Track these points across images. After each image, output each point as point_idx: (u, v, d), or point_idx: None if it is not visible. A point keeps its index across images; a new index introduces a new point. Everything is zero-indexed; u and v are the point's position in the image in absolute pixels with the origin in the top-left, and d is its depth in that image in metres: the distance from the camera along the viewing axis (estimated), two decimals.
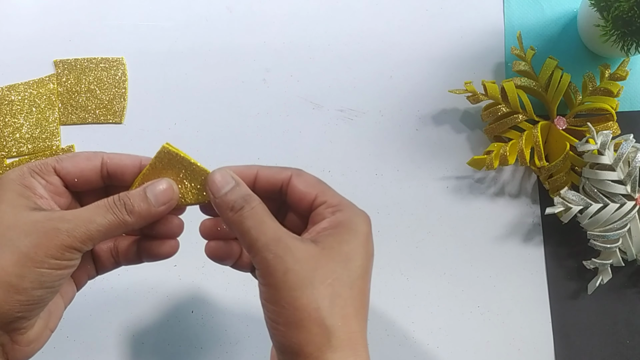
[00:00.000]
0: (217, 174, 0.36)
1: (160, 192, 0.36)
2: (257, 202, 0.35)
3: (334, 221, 0.34)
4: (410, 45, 0.62)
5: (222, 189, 0.35)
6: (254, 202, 0.34)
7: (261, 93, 0.61)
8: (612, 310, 0.56)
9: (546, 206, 0.55)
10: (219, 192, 0.35)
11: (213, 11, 0.62)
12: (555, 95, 0.57)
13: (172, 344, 0.55)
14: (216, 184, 0.35)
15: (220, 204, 0.35)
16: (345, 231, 0.34)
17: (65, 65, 0.61)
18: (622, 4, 0.48)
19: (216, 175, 0.35)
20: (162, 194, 0.36)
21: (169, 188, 0.36)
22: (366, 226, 0.35)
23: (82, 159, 0.37)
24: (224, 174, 0.36)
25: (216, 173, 0.36)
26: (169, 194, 0.36)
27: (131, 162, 0.37)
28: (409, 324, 0.56)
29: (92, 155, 0.37)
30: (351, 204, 0.36)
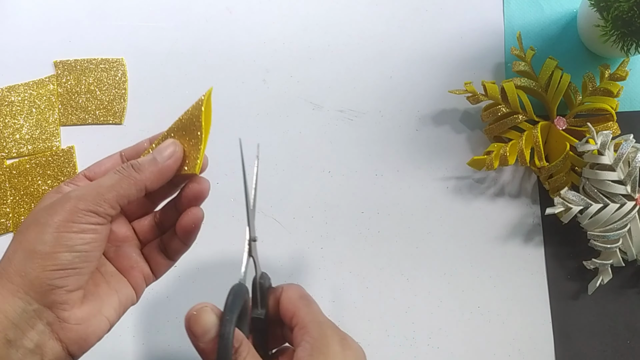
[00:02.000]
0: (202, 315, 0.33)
1: (163, 147, 0.38)
2: (243, 357, 0.33)
3: (307, 349, 0.33)
4: (410, 45, 0.62)
5: (207, 333, 0.32)
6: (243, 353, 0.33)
7: (261, 93, 0.61)
8: (612, 311, 0.56)
9: (546, 206, 0.55)
10: (204, 337, 0.33)
11: (213, 11, 0.62)
12: (555, 95, 0.57)
13: (172, 344, 0.55)
14: (201, 327, 0.32)
15: (206, 350, 0.33)
16: (321, 359, 0.33)
17: (65, 66, 0.61)
18: (622, 4, 0.48)
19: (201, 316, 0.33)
20: (165, 147, 0.38)
21: (170, 142, 0.38)
22: (337, 345, 0.34)
23: (105, 160, 0.40)
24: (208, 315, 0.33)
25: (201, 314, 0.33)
26: (171, 147, 0.38)
27: (142, 143, 0.41)
28: (409, 324, 0.56)
29: (112, 155, 0.41)
30: (320, 323, 0.35)
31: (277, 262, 0.57)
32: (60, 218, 0.33)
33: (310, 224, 0.58)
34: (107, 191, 0.35)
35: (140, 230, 0.41)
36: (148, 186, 0.37)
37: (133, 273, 0.39)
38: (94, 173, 0.39)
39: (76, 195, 0.34)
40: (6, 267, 0.33)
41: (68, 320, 0.34)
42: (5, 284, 0.33)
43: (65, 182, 0.38)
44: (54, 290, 0.33)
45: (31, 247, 0.33)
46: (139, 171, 0.36)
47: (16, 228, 0.57)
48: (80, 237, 0.34)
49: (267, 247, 0.57)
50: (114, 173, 0.36)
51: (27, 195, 0.58)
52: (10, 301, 0.32)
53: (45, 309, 0.33)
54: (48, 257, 0.33)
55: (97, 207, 0.34)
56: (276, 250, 0.57)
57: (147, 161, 0.37)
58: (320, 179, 0.59)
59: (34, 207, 0.37)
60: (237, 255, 0.57)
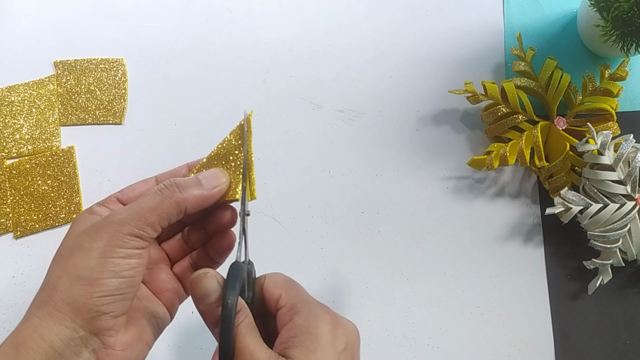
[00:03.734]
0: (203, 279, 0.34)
1: (210, 175, 0.37)
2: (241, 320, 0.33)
3: (294, 328, 0.34)
4: (410, 45, 0.62)
5: (206, 297, 0.34)
6: (239, 319, 0.33)
7: (261, 93, 0.61)
8: (612, 311, 0.56)
9: (546, 206, 0.55)
10: (203, 299, 0.34)
11: (213, 11, 0.62)
12: (555, 95, 0.57)
13: (172, 344, 0.55)
14: (201, 290, 0.34)
15: (205, 312, 0.34)
16: (308, 339, 0.33)
17: (65, 66, 0.61)
18: (622, 4, 0.48)
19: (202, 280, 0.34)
20: (212, 176, 0.37)
21: (218, 172, 0.38)
22: (326, 324, 0.34)
23: (138, 184, 0.40)
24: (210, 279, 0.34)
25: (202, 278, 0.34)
26: (219, 176, 0.38)
27: (181, 170, 0.40)
28: (409, 324, 0.56)
29: (147, 179, 0.40)
30: (309, 303, 0.35)
31: (277, 262, 0.57)
32: (104, 243, 0.33)
33: (310, 224, 0.58)
34: (150, 214, 0.34)
35: (170, 250, 0.41)
36: (188, 209, 0.36)
37: (167, 294, 0.39)
38: (127, 197, 0.39)
39: (119, 219, 0.34)
40: (51, 294, 0.33)
41: (114, 347, 0.33)
42: (52, 312, 0.32)
43: (97, 203, 0.38)
44: (100, 316, 0.33)
45: (77, 274, 0.32)
46: (182, 191, 0.35)
47: (16, 228, 0.57)
48: (127, 263, 0.33)
49: (267, 247, 0.57)
50: (155, 193, 0.35)
51: (27, 195, 0.58)
52: (57, 330, 0.32)
53: (91, 335, 0.33)
54: (95, 284, 0.32)
55: (141, 231, 0.34)
56: (276, 250, 0.57)
57: (191, 182, 0.36)
58: (320, 179, 0.59)
59: (70, 229, 0.36)
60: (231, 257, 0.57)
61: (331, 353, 0.33)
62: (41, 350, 0.32)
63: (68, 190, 0.58)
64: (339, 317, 0.35)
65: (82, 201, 0.58)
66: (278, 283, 0.36)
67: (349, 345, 0.35)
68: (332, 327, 0.34)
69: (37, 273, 0.57)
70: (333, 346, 0.33)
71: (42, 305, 0.33)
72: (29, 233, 0.57)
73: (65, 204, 0.58)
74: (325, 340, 0.33)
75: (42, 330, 0.32)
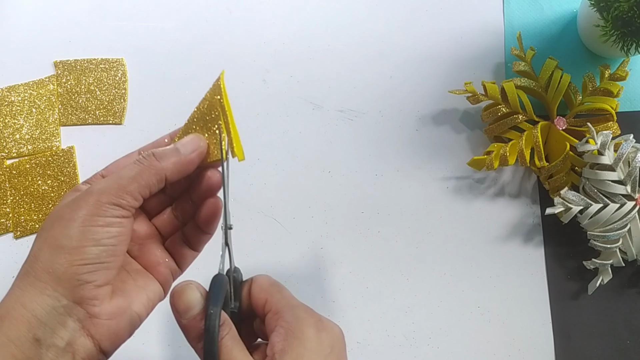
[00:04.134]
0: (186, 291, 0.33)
1: (187, 141, 0.37)
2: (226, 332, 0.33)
3: (281, 333, 0.34)
4: (410, 45, 0.62)
5: (189, 310, 0.33)
6: (224, 331, 0.33)
7: (261, 93, 0.61)
8: (612, 311, 0.56)
9: (546, 206, 0.55)
10: (186, 313, 0.33)
11: (213, 11, 0.62)
12: (555, 95, 0.57)
13: (172, 344, 0.55)
14: (183, 303, 0.33)
15: (188, 326, 0.33)
16: (295, 344, 0.33)
17: (65, 66, 0.61)
18: (622, 4, 0.48)
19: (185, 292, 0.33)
20: (190, 141, 0.37)
21: (195, 137, 0.38)
22: (311, 328, 0.34)
23: (122, 159, 0.39)
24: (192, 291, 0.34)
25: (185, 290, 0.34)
26: (196, 141, 0.37)
27: (162, 139, 0.40)
28: (409, 324, 0.56)
29: (130, 153, 0.40)
30: (293, 307, 0.35)
31: (277, 262, 0.57)
32: (84, 212, 0.33)
33: (310, 224, 0.58)
34: (129, 183, 0.34)
35: (161, 225, 0.40)
36: (168, 177, 0.36)
37: (159, 269, 0.39)
38: (112, 173, 0.38)
39: (98, 189, 0.34)
40: (33, 265, 0.33)
41: (99, 316, 0.33)
42: (33, 282, 0.32)
43: (82, 182, 0.38)
44: (82, 285, 0.32)
45: (57, 243, 0.32)
46: (160, 160, 0.36)
47: (16, 228, 0.57)
48: (107, 231, 0.33)
49: (267, 247, 0.57)
50: (133, 164, 0.35)
51: (27, 195, 0.58)
52: (39, 299, 0.32)
53: (75, 305, 0.32)
54: (75, 252, 0.32)
55: (120, 199, 0.34)
56: (276, 250, 0.57)
57: (169, 151, 0.36)
58: (320, 179, 0.59)
59: (55, 206, 0.36)
60: (238, 256, 0.57)
61: (318, 356, 0.33)
62: (24, 320, 0.32)
63: (68, 190, 0.58)
64: (324, 319, 0.35)
65: None
66: (263, 287, 0.36)
67: (335, 348, 0.35)
68: (317, 330, 0.34)
69: None
70: (319, 350, 0.34)
71: (24, 276, 0.33)
72: (29, 233, 0.57)
73: None
74: (311, 345, 0.33)
75: (25, 300, 0.32)
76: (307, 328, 0.34)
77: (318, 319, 0.35)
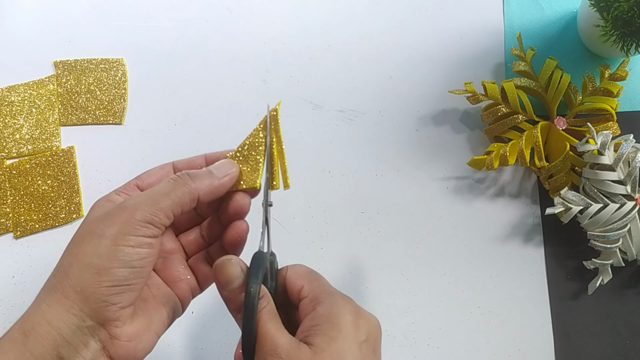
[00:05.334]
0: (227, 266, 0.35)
1: (221, 165, 0.38)
2: (263, 306, 0.34)
3: (317, 317, 0.34)
4: (410, 45, 0.62)
5: (229, 283, 0.34)
6: (262, 305, 0.34)
7: (261, 93, 0.61)
8: (612, 310, 0.56)
9: (546, 206, 0.55)
10: (227, 285, 0.35)
11: (213, 12, 0.62)
12: (555, 95, 0.57)
13: (172, 344, 0.55)
14: (224, 276, 0.35)
15: (229, 298, 0.35)
16: (330, 327, 0.33)
17: (65, 66, 0.61)
18: (622, 4, 0.48)
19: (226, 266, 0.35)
20: (223, 165, 0.38)
21: (228, 162, 0.39)
22: (349, 314, 0.34)
23: (156, 169, 0.40)
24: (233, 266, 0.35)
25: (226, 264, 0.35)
26: (229, 166, 0.39)
27: (199, 160, 0.41)
28: (409, 324, 0.56)
29: (164, 165, 0.40)
30: (332, 293, 0.35)
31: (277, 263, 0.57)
32: (116, 230, 0.33)
33: (310, 224, 0.58)
34: (163, 200, 0.34)
35: (186, 243, 0.41)
36: (201, 197, 0.36)
37: (180, 285, 0.39)
38: (146, 183, 0.39)
39: (132, 204, 0.34)
40: (61, 281, 0.33)
41: (119, 337, 0.33)
42: (61, 299, 0.32)
43: (116, 190, 0.38)
44: (108, 307, 0.33)
45: (87, 261, 0.32)
46: (194, 180, 0.36)
47: (16, 228, 0.57)
48: (137, 252, 0.33)
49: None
50: (167, 181, 0.36)
51: (27, 195, 0.58)
52: (65, 318, 0.32)
53: (98, 325, 0.33)
54: (104, 273, 0.32)
55: (153, 217, 0.34)
56: (276, 250, 0.57)
57: (203, 172, 0.37)
58: (320, 179, 0.59)
59: (86, 217, 0.36)
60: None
61: (352, 342, 0.33)
62: (50, 337, 0.32)
63: (68, 190, 0.58)
64: (362, 309, 0.36)
65: (82, 201, 0.58)
66: (300, 274, 0.37)
67: (371, 336, 0.35)
68: (355, 317, 0.34)
69: (37, 273, 0.57)
70: (355, 336, 0.34)
71: (52, 291, 0.33)
72: (29, 233, 0.57)
73: (65, 204, 0.58)
74: (347, 329, 0.33)
75: (51, 317, 0.32)
76: (344, 314, 0.34)
77: (356, 307, 0.35)
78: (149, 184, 0.39)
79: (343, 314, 0.34)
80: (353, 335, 0.34)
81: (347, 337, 0.33)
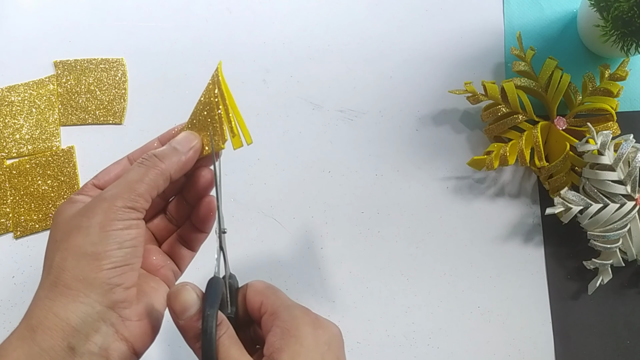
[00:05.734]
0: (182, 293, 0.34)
1: (182, 139, 0.38)
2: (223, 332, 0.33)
3: (278, 333, 0.34)
4: (410, 45, 0.62)
5: (185, 311, 0.33)
6: (221, 331, 0.33)
7: (261, 93, 0.61)
8: (612, 311, 0.56)
9: (546, 206, 0.55)
10: (182, 314, 0.33)
11: (213, 12, 0.62)
12: (555, 95, 0.57)
13: (172, 344, 0.55)
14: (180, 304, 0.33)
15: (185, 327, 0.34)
16: (292, 342, 0.33)
17: (65, 66, 0.61)
18: (622, 4, 0.48)
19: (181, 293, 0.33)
20: (184, 139, 0.38)
21: (188, 134, 0.39)
22: (307, 326, 0.34)
23: (112, 166, 0.40)
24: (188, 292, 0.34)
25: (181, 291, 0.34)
26: (190, 138, 0.39)
27: (152, 144, 0.41)
28: (409, 324, 0.56)
29: (119, 160, 0.40)
30: (289, 307, 0.35)
31: (277, 262, 0.57)
32: (101, 218, 0.33)
33: (310, 224, 0.58)
34: (138, 185, 0.35)
35: (156, 230, 0.41)
36: (173, 175, 0.37)
37: (162, 272, 0.40)
38: (104, 181, 0.39)
39: (110, 195, 0.34)
40: (60, 276, 0.33)
41: (130, 318, 0.34)
42: (64, 291, 0.32)
43: (75, 192, 0.38)
44: (113, 288, 0.33)
45: (82, 251, 0.33)
46: (163, 160, 0.36)
47: (16, 228, 0.57)
48: (127, 233, 0.34)
49: (267, 247, 0.57)
50: (138, 166, 0.36)
51: (27, 195, 0.58)
52: (72, 307, 0.32)
53: (107, 309, 0.33)
54: (102, 257, 0.33)
55: (134, 202, 0.34)
56: (276, 250, 0.57)
57: (168, 151, 0.37)
58: (320, 179, 0.59)
59: (56, 219, 0.36)
60: (239, 256, 0.57)
61: (315, 354, 0.33)
62: (58, 329, 0.32)
63: (68, 190, 0.58)
64: (320, 318, 0.36)
65: None
66: (259, 290, 0.36)
67: (333, 345, 0.35)
68: (313, 328, 0.34)
69: (37, 273, 0.56)
70: (316, 347, 0.34)
71: (52, 287, 0.33)
72: (29, 233, 0.57)
73: None
74: (307, 342, 0.33)
75: (57, 309, 0.32)
76: (304, 326, 0.34)
77: (314, 318, 0.35)
78: (105, 181, 0.39)
79: (302, 327, 0.34)
80: (314, 347, 0.34)
81: (309, 349, 0.33)
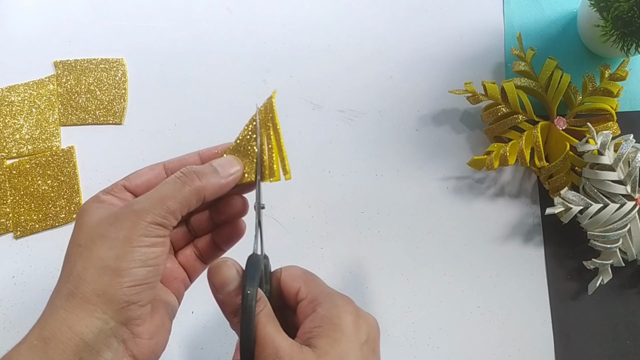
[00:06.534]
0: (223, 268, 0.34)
1: (225, 163, 0.37)
2: (261, 309, 0.34)
3: (317, 319, 0.34)
4: (410, 45, 0.62)
5: (225, 286, 0.34)
6: (259, 307, 0.33)
7: (261, 93, 0.61)
8: (612, 311, 0.56)
9: (546, 206, 0.55)
10: (222, 288, 0.34)
11: (213, 12, 0.62)
12: (555, 95, 0.57)
13: (172, 344, 0.55)
14: (220, 279, 0.34)
15: (224, 301, 0.34)
16: (332, 329, 0.33)
17: (65, 66, 0.61)
18: (622, 4, 0.48)
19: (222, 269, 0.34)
20: (227, 163, 0.37)
21: (232, 159, 0.38)
22: (349, 315, 0.34)
23: (145, 170, 0.39)
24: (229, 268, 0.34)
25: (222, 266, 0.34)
26: (233, 163, 0.38)
27: (192, 158, 0.39)
28: (409, 324, 0.56)
29: (153, 165, 0.39)
30: (330, 294, 0.35)
31: (277, 262, 0.57)
32: (129, 232, 0.33)
33: (310, 224, 0.58)
34: (171, 202, 0.34)
35: (174, 238, 0.40)
36: (207, 197, 0.36)
37: (175, 284, 0.39)
38: (134, 185, 0.38)
39: (141, 208, 0.33)
40: (78, 286, 0.32)
41: (141, 335, 0.34)
42: (81, 304, 0.32)
43: (103, 191, 0.37)
44: (129, 306, 0.32)
45: (104, 264, 0.32)
46: (201, 179, 0.35)
47: (16, 228, 0.57)
48: (152, 251, 0.33)
49: (267, 247, 0.57)
50: (174, 181, 0.35)
51: (27, 195, 0.58)
52: (87, 322, 0.32)
53: (121, 326, 0.33)
54: (124, 274, 0.32)
55: (164, 220, 0.34)
56: (276, 250, 0.57)
57: (208, 170, 0.36)
58: (320, 179, 0.59)
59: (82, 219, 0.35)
60: (239, 256, 0.57)
61: (354, 344, 0.33)
62: (72, 344, 0.31)
63: (68, 190, 0.58)
64: (361, 309, 0.36)
65: (82, 201, 0.58)
66: (295, 276, 0.37)
67: (371, 337, 0.35)
68: (355, 317, 0.34)
69: (37, 273, 0.57)
70: (356, 337, 0.34)
71: (70, 297, 0.32)
72: (29, 233, 0.57)
73: (65, 204, 0.58)
74: (348, 331, 0.33)
75: (72, 322, 0.32)
76: (345, 314, 0.34)
77: (356, 307, 0.35)
78: (137, 185, 0.38)
79: (344, 315, 0.34)
80: (354, 336, 0.34)
81: (349, 338, 0.33)
